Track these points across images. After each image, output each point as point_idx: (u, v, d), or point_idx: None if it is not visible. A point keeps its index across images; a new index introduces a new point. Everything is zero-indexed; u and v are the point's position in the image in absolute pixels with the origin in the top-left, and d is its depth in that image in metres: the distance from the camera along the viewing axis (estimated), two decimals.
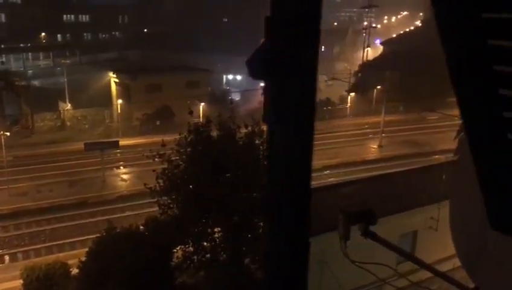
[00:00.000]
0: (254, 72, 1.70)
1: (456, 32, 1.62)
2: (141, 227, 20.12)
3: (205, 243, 18.38)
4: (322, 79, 77.76)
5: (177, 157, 19.05)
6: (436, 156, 38.60)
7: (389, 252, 6.30)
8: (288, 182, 1.74)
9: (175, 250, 19.15)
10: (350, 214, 4.79)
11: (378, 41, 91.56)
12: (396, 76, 58.69)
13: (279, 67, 1.64)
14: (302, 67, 1.64)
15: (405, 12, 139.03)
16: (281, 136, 1.73)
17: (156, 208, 19.96)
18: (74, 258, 23.07)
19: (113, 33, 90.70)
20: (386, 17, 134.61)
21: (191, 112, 19.34)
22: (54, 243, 28.91)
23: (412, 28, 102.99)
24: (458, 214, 2.77)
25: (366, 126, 54.51)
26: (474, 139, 1.89)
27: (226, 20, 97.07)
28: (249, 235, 17.90)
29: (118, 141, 42.72)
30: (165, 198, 18.81)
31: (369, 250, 6.19)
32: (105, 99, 55.67)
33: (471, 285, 2.89)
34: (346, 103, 60.86)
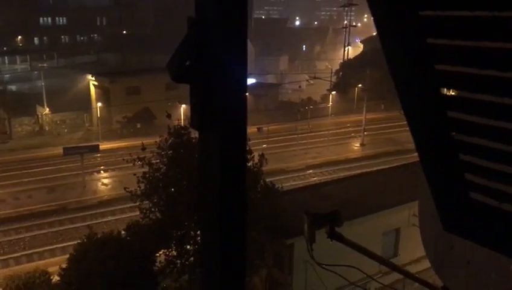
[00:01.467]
0: (174, 76, 1.56)
1: (394, 31, 1.58)
2: (123, 232, 19.90)
3: (188, 247, 18.28)
4: (303, 78, 78.17)
5: (158, 161, 18.92)
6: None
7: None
8: (220, 190, 1.66)
9: (158, 254, 19.02)
10: (315, 216, 4.77)
11: (358, 40, 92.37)
12: (377, 74, 59.18)
13: (202, 70, 1.53)
14: (228, 70, 1.54)
15: None
16: (208, 143, 1.65)
17: (138, 212, 19.80)
18: (55, 265, 22.73)
19: (92, 35, 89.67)
20: (366, 16, 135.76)
21: (169, 115, 19.17)
22: (34, 250, 28.43)
23: None
24: (426, 214, 2.77)
25: (348, 125, 54.86)
26: (418, 140, 1.87)
27: None
28: None
29: (98, 145, 42.20)
30: (147, 202, 18.67)
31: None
32: (85, 102, 54.99)
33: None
34: (328, 101, 61.19)
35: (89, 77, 58.01)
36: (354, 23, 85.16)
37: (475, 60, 1.51)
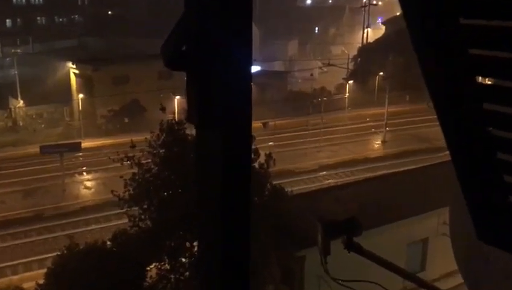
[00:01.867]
0: (168, 62, 1.54)
1: (422, 9, 1.57)
2: (108, 242, 19.98)
3: (183, 259, 18.31)
4: (316, 65, 78.04)
5: (149, 160, 18.96)
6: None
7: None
8: (222, 195, 1.65)
9: (149, 268, 19.06)
10: (329, 225, 4.77)
11: (379, 21, 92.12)
12: (401, 60, 59.05)
13: (201, 56, 1.51)
14: (230, 56, 1.52)
15: None
16: (208, 141, 1.64)
17: (125, 220, 19.86)
18: (31, 280, 22.86)
19: (72, 16, 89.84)
20: None
21: (163, 109, 19.25)
22: (7, 263, 28.60)
23: None
24: (458, 222, 2.78)
25: (368, 119, 54.84)
26: (450, 137, 1.87)
27: None
28: None
29: (79, 143, 42.43)
30: (136, 208, 18.70)
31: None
32: (64, 94, 55.21)
33: None
34: (344, 92, 61.11)
35: (69, 64, 58.23)
36: (374, 2, 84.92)
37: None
